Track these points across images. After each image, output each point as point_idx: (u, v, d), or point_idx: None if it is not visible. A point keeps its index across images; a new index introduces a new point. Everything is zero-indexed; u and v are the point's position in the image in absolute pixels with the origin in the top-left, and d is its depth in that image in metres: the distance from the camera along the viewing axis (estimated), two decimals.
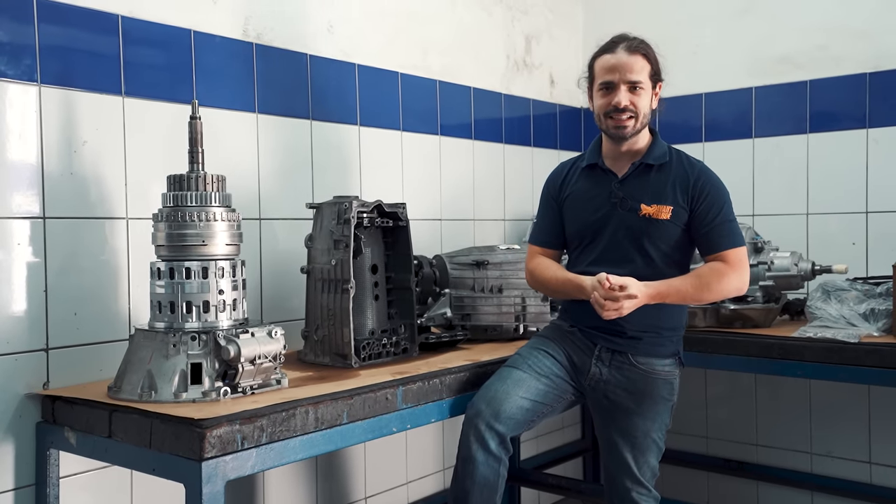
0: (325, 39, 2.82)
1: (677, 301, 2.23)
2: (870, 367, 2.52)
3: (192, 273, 1.93)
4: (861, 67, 3.28)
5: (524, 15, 3.73)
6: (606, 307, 2.11)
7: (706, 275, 2.21)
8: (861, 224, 3.27)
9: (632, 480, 2.25)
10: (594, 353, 2.28)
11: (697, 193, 2.24)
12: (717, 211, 2.24)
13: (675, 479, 3.59)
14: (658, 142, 2.33)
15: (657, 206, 2.24)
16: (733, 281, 2.21)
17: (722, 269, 2.21)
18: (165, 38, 2.35)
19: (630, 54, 2.26)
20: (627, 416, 2.25)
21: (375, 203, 2.40)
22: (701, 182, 2.26)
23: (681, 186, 2.26)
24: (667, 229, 2.25)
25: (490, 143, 3.54)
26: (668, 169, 2.29)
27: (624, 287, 2.11)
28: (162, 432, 1.72)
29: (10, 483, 2.02)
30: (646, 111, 2.27)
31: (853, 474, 3.35)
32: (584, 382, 2.30)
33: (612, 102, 2.25)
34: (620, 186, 2.29)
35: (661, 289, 2.17)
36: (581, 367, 2.29)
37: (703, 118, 3.68)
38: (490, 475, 2.12)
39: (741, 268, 2.22)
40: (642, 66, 2.26)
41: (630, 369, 2.26)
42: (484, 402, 2.17)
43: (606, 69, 2.27)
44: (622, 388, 2.26)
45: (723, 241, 2.24)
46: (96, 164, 2.18)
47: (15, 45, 2.03)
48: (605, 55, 2.29)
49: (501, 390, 2.18)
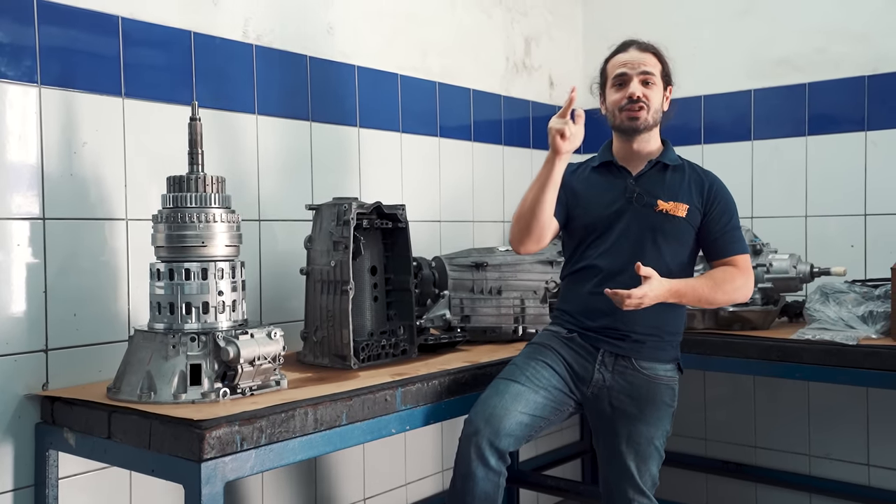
0: (325, 41, 2.82)
1: (692, 302, 2.25)
2: (868, 369, 2.53)
3: (192, 274, 1.93)
4: (860, 70, 3.28)
5: (524, 17, 3.74)
6: (633, 295, 2.06)
7: (720, 278, 2.24)
8: (860, 226, 3.28)
9: (634, 490, 2.22)
10: (597, 357, 2.25)
11: (712, 198, 2.29)
12: (728, 217, 2.30)
13: (673, 481, 3.58)
14: (670, 148, 2.38)
15: (674, 203, 2.26)
16: (743, 285, 2.26)
17: (734, 273, 2.26)
18: (166, 39, 2.35)
19: (642, 52, 2.33)
20: (631, 422, 2.23)
21: (375, 205, 2.40)
22: (715, 188, 2.31)
23: (696, 189, 2.30)
24: (681, 227, 2.27)
25: (489, 145, 3.54)
26: (683, 172, 2.33)
27: (648, 277, 2.09)
28: (161, 433, 1.72)
29: (9, 484, 2.02)
30: (657, 105, 2.30)
31: (851, 476, 3.35)
32: (587, 390, 2.26)
33: (626, 95, 2.28)
34: (635, 183, 2.31)
35: (679, 287, 2.17)
36: (583, 375, 2.26)
37: (702, 120, 3.69)
38: (490, 489, 2.10)
39: (749, 273, 2.29)
40: (654, 62, 2.32)
41: (633, 374, 2.24)
42: (483, 420, 2.11)
43: (620, 64, 2.32)
44: (625, 394, 2.24)
45: (733, 246, 2.29)
46: (96, 165, 2.19)
47: (15, 46, 2.03)
48: (618, 55, 2.35)
49: (500, 406, 2.14)
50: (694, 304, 2.30)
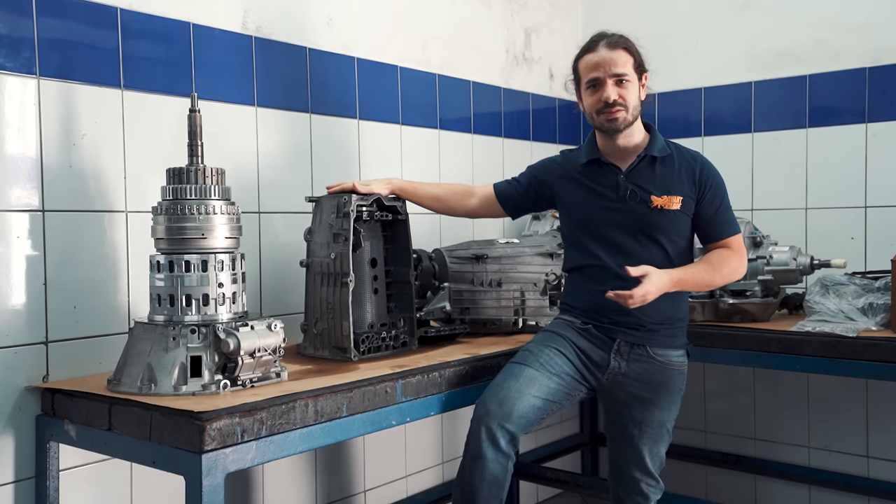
0: (325, 33, 2.81)
1: (692, 288, 2.29)
2: (868, 361, 2.53)
3: (192, 266, 1.93)
4: (861, 62, 3.28)
5: (523, 8, 3.73)
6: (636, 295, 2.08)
7: (717, 261, 2.28)
8: (860, 219, 3.28)
9: (643, 472, 2.27)
10: (613, 347, 2.28)
11: (703, 183, 2.30)
12: (720, 200, 2.31)
13: (673, 472, 3.57)
14: (657, 135, 2.35)
15: (667, 196, 2.26)
16: (739, 266, 2.31)
17: (728, 255, 2.29)
18: (164, 30, 2.34)
19: (611, 50, 2.27)
20: (645, 407, 2.27)
21: (375, 197, 2.40)
22: (705, 172, 2.31)
23: (688, 177, 2.30)
24: (677, 219, 2.28)
25: (489, 137, 3.54)
26: (672, 161, 2.31)
27: (644, 275, 2.10)
28: (162, 425, 1.72)
29: (10, 476, 2.02)
30: (635, 103, 2.28)
31: (851, 468, 3.36)
32: (603, 378, 2.29)
33: (601, 99, 2.26)
34: (626, 179, 2.30)
35: (680, 275, 2.20)
36: (599, 363, 2.28)
37: (702, 112, 3.68)
38: (499, 472, 2.11)
39: (743, 253, 2.34)
40: (625, 59, 2.27)
41: (648, 361, 2.27)
42: (496, 402, 2.14)
43: (591, 67, 2.28)
44: (641, 381, 2.27)
45: (726, 228, 2.32)
46: (95, 157, 2.18)
47: (14, 38, 2.03)
48: (587, 55, 2.31)
49: (514, 389, 2.16)
50: (695, 290, 2.34)
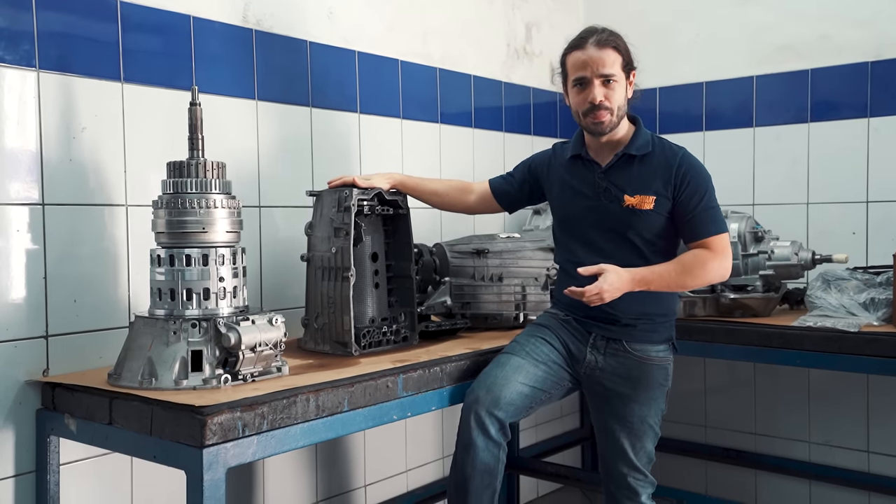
0: (326, 26, 2.80)
1: (661, 288, 2.21)
2: (869, 356, 2.53)
3: (193, 260, 1.92)
4: (863, 56, 3.27)
5: (524, 2, 3.72)
6: (587, 293, 2.09)
7: (689, 262, 2.21)
8: (861, 213, 3.27)
9: (628, 466, 2.27)
10: (589, 340, 2.29)
11: (680, 181, 2.23)
12: (699, 199, 2.23)
13: (673, 467, 3.60)
14: (640, 131, 2.31)
15: (640, 196, 2.23)
16: (716, 268, 2.21)
17: (705, 255, 2.20)
18: (164, 23, 2.33)
19: (600, 48, 2.22)
20: (623, 402, 2.26)
21: (376, 191, 2.39)
22: (683, 170, 2.24)
23: (663, 176, 2.24)
24: (650, 219, 2.24)
25: (490, 132, 3.53)
26: (651, 159, 2.27)
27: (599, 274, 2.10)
28: (162, 419, 1.71)
29: (10, 470, 2.02)
30: (621, 104, 2.25)
31: (851, 463, 3.36)
32: (581, 370, 2.31)
33: (587, 100, 2.23)
34: (604, 177, 2.28)
35: (644, 275, 2.16)
36: (577, 355, 2.30)
37: (703, 107, 3.67)
38: (490, 460, 2.13)
39: (724, 254, 2.22)
40: (614, 58, 2.23)
41: (625, 356, 2.27)
42: (483, 389, 2.17)
43: (578, 66, 2.24)
44: (617, 375, 2.27)
45: (705, 228, 2.23)
46: (95, 150, 2.17)
47: (13, 31, 2.02)
48: (575, 52, 2.26)
49: (501, 376, 2.19)
50: (666, 290, 2.24)
